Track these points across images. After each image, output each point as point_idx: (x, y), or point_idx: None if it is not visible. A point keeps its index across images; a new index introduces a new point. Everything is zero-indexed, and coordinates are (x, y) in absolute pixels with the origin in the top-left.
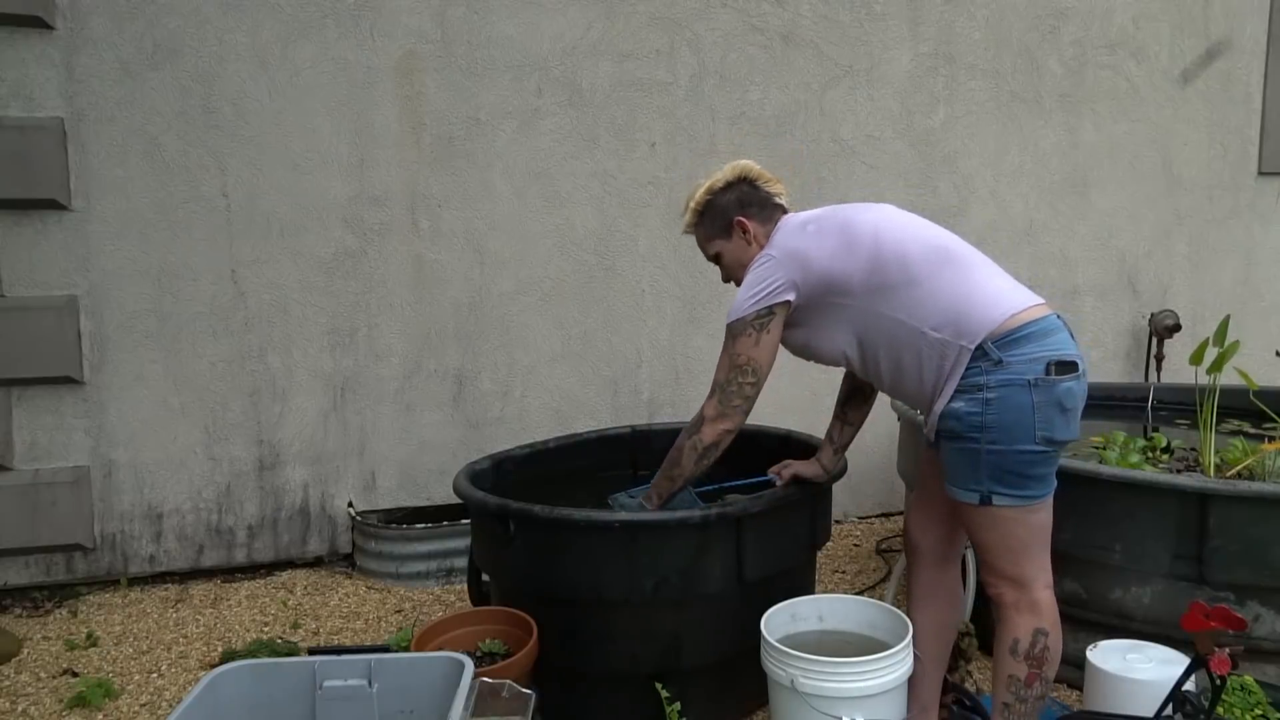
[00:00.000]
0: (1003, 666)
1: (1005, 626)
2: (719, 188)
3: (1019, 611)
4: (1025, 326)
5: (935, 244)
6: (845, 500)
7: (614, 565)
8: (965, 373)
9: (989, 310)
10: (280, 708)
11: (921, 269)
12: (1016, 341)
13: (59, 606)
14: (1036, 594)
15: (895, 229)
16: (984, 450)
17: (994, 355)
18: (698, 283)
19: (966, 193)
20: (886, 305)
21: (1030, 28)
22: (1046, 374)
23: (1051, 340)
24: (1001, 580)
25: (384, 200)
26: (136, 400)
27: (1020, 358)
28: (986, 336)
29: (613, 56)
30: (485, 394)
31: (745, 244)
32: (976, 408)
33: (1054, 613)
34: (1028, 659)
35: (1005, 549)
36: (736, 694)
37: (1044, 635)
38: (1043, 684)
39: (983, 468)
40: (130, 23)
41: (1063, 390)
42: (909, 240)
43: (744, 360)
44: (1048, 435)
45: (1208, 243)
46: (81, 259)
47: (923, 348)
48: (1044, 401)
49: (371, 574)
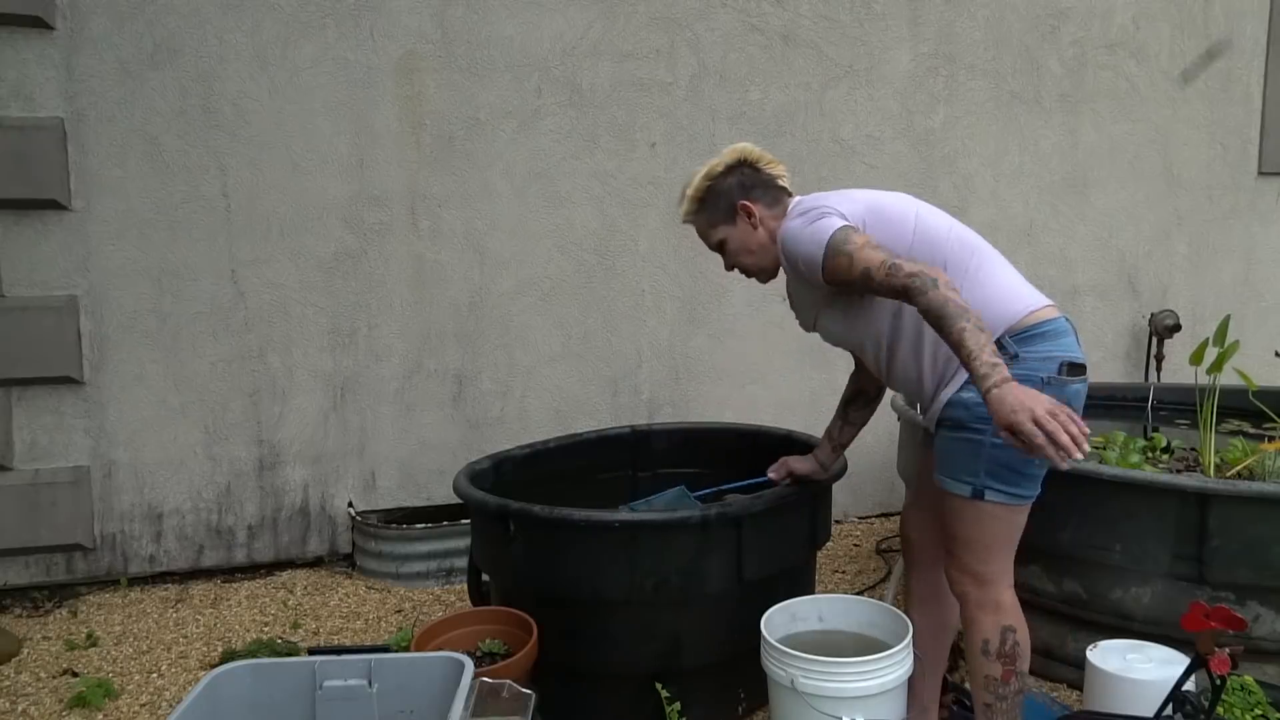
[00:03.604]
0: (978, 668)
1: (974, 628)
2: (719, 172)
3: (983, 610)
4: (1041, 325)
5: (960, 234)
6: (845, 500)
7: (614, 565)
8: None
9: (1010, 305)
10: (280, 708)
11: (950, 257)
12: (1033, 339)
13: (59, 606)
14: (1000, 594)
15: (929, 213)
16: (987, 443)
17: (1011, 349)
18: (698, 283)
19: (966, 193)
20: None
21: (1030, 28)
22: (1059, 374)
23: (1064, 341)
24: (968, 577)
25: (384, 200)
26: (136, 400)
27: (1035, 355)
28: (1006, 331)
29: (613, 56)
30: (485, 394)
31: (751, 229)
32: None
33: (1018, 610)
34: (1000, 657)
35: (981, 545)
36: (736, 694)
37: (1012, 632)
38: (1019, 679)
39: (982, 460)
40: (130, 23)
41: (1072, 392)
42: (941, 227)
43: (872, 254)
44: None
45: (1208, 243)
46: (81, 259)
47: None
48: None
49: (371, 574)
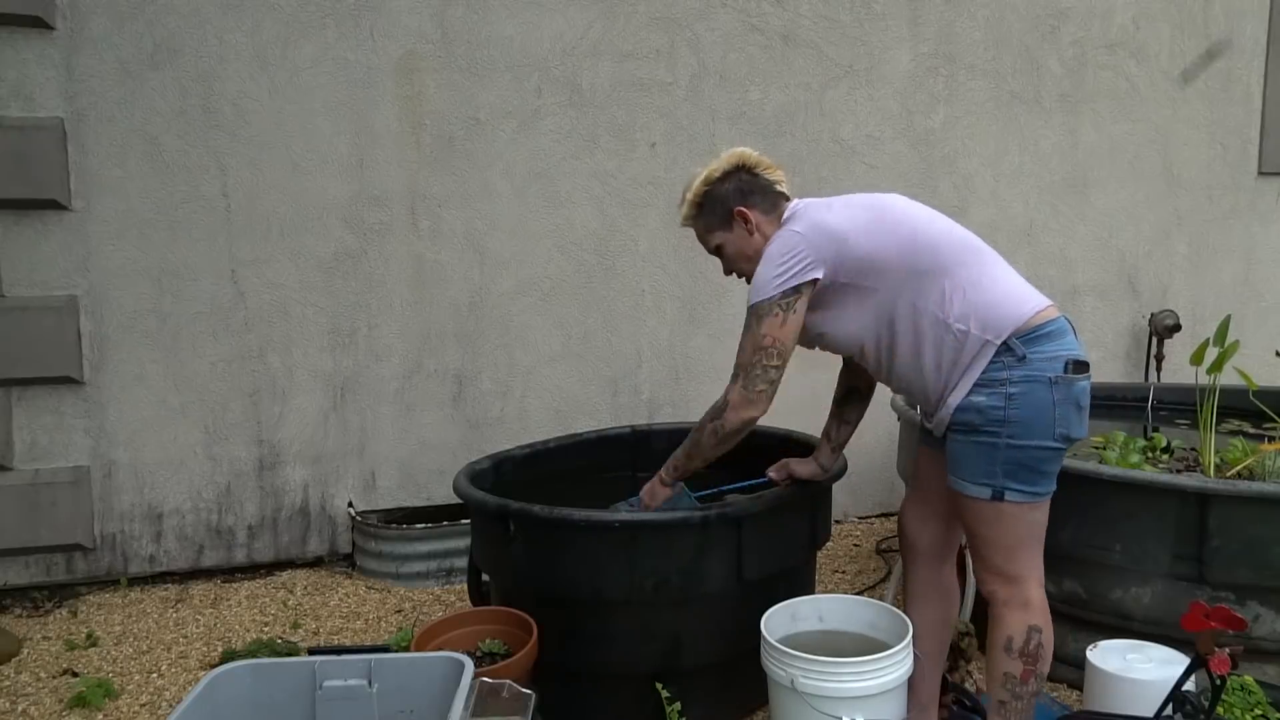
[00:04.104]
0: (998, 664)
1: (999, 624)
2: (717, 177)
3: (1011, 609)
4: (1045, 325)
5: (961, 236)
6: (845, 500)
7: (614, 565)
8: (987, 367)
9: (1015, 306)
10: (280, 708)
11: (950, 259)
12: (1038, 339)
13: (59, 606)
14: (1029, 591)
15: (927, 216)
16: (1003, 445)
17: (1019, 351)
18: (698, 283)
19: (966, 193)
20: (915, 293)
21: (1030, 28)
22: (1066, 372)
23: (1066, 340)
24: (995, 577)
25: (384, 200)
26: (136, 400)
27: (1042, 355)
28: (1012, 332)
29: (613, 56)
30: (485, 394)
31: (747, 234)
32: (999, 402)
33: (1046, 610)
34: (1022, 656)
35: (1004, 545)
36: (736, 694)
37: (1038, 632)
38: (1038, 680)
39: (999, 462)
40: (130, 23)
41: (1079, 389)
42: (939, 230)
43: (769, 342)
44: (1065, 432)
45: (1208, 243)
46: (81, 259)
47: (945, 339)
48: (1063, 399)
49: (371, 574)
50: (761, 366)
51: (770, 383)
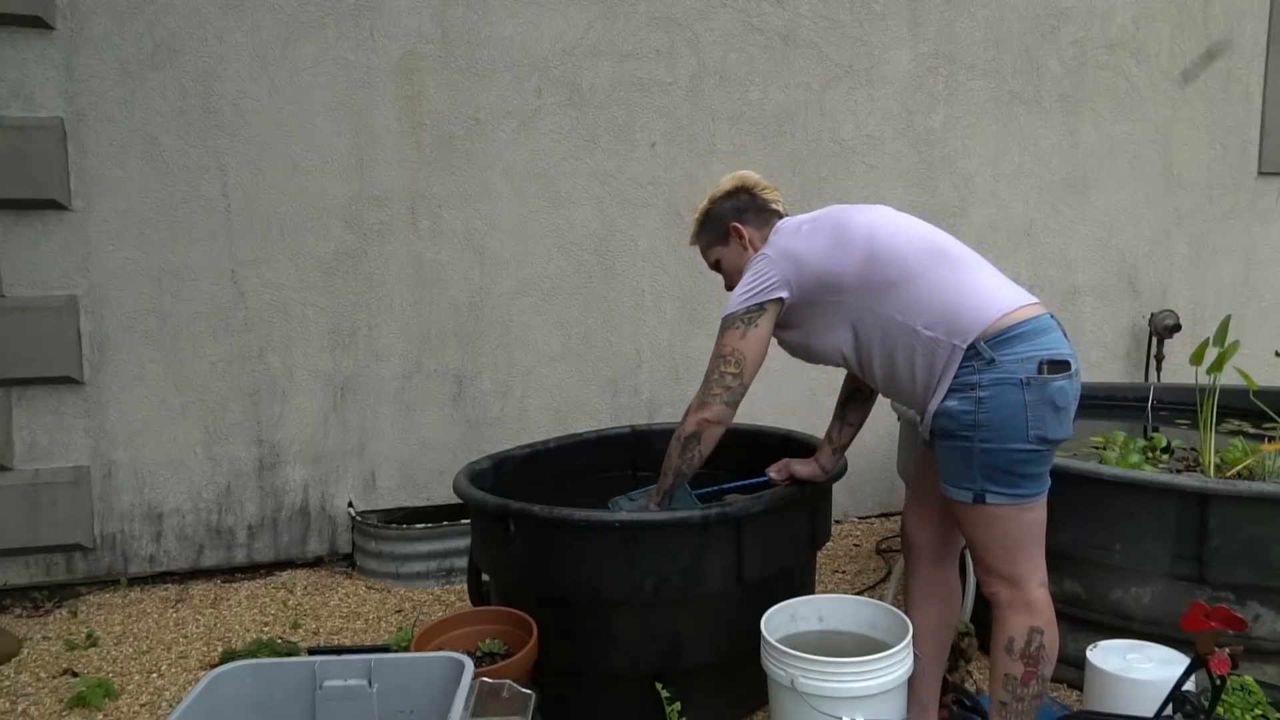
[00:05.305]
0: (999, 665)
1: (1001, 626)
2: (719, 196)
3: (1014, 610)
4: (1017, 326)
5: (930, 243)
6: (845, 500)
7: (614, 565)
8: (958, 372)
9: (982, 310)
10: (280, 708)
11: (916, 267)
12: (1008, 341)
13: (59, 606)
14: (1031, 592)
15: (890, 228)
16: (977, 449)
17: (986, 354)
18: (698, 283)
19: (966, 193)
20: (880, 303)
21: (1030, 28)
22: (1039, 373)
23: (1044, 339)
24: (996, 579)
25: (384, 200)
26: (136, 400)
27: (1012, 357)
28: (979, 336)
29: (613, 56)
30: (485, 394)
31: (741, 249)
32: (969, 406)
33: (1049, 611)
34: (1024, 658)
35: (999, 547)
36: (736, 694)
37: (1039, 634)
38: (1039, 682)
39: (975, 466)
40: (130, 23)
41: (1055, 389)
42: (904, 239)
43: (727, 351)
44: (1040, 434)
45: (1208, 243)
46: (81, 259)
47: (915, 346)
48: (1036, 400)
49: (371, 574)
50: (719, 373)
51: (726, 388)
